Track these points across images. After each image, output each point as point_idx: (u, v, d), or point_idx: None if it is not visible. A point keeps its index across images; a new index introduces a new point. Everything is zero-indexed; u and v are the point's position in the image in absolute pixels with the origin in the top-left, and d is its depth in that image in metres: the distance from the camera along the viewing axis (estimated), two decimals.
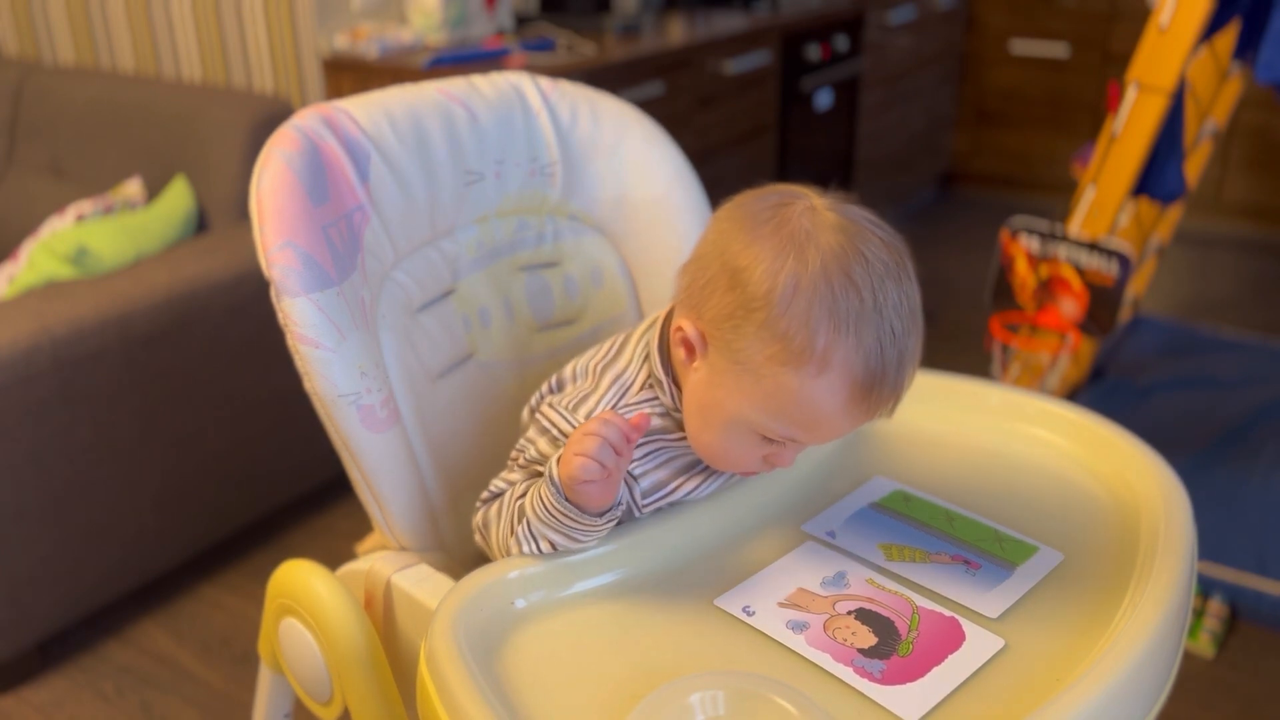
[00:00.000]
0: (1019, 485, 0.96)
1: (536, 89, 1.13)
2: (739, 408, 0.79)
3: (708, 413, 0.81)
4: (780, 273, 0.75)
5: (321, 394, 0.90)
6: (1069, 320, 1.96)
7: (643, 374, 0.88)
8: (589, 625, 0.78)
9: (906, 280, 0.78)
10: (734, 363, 0.77)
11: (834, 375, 0.75)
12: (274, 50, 2.26)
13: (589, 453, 0.76)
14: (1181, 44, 1.81)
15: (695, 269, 0.81)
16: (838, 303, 0.74)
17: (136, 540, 1.77)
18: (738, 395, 0.78)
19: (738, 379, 0.78)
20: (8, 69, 2.45)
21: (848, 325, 0.74)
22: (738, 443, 0.81)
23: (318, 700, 0.97)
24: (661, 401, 0.87)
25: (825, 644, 0.75)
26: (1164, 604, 0.75)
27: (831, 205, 0.79)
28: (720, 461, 0.85)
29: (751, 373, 0.77)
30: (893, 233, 0.80)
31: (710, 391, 0.80)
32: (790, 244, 0.76)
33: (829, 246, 0.75)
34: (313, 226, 0.91)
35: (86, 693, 1.66)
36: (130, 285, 1.72)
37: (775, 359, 0.75)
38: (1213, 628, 1.74)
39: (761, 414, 0.78)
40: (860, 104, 3.28)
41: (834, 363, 0.74)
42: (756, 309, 0.75)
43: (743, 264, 0.77)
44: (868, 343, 0.74)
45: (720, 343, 0.78)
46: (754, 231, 0.77)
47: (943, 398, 1.07)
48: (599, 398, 0.87)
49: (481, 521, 0.89)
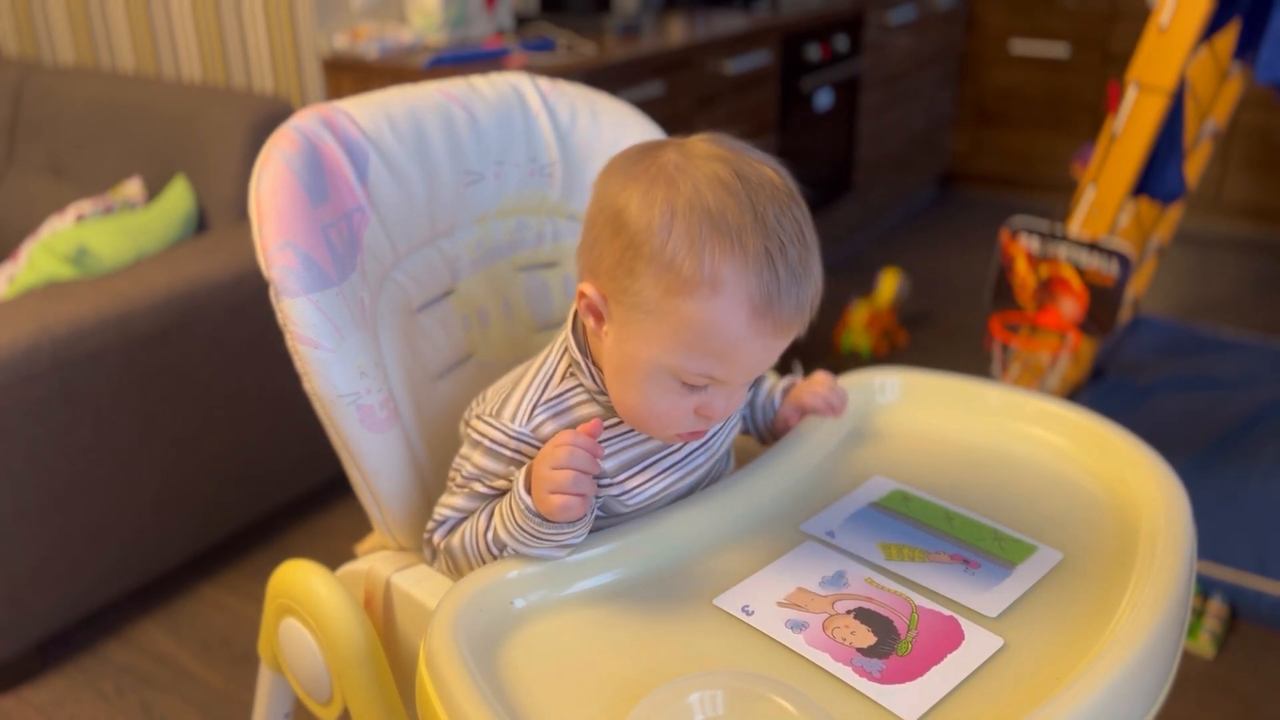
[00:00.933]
0: (1018, 485, 0.96)
1: (536, 90, 1.13)
2: (651, 355, 0.78)
3: (625, 372, 0.80)
4: (656, 202, 0.75)
5: (321, 394, 0.90)
6: (1069, 320, 1.96)
7: (563, 364, 0.88)
8: (588, 625, 0.78)
9: (790, 200, 0.78)
10: (635, 309, 0.77)
11: (729, 293, 0.74)
12: (274, 50, 2.26)
13: (565, 463, 0.77)
14: (1181, 44, 1.81)
15: (585, 233, 0.82)
16: (716, 220, 0.74)
17: (136, 540, 1.77)
18: (646, 344, 0.78)
19: (642, 325, 0.77)
20: (8, 69, 2.45)
21: (732, 240, 0.74)
22: (661, 396, 0.80)
23: (317, 700, 0.97)
24: (584, 386, 0.87)
25: (824, 643, 0.75)
26: (1163, 603, 0.75)
27: (704, 138, 0.80)
28: (650, 423, 0.83)
29: (653, 314, 0.76)
30: (771, 158, 0.80)
31: (622, 348, 0.80)
32: (661, 176, 0.76)
33: (703, 171, 0.76)
34: (312, 227, 0.91)
35: (86, 693, 1.66)
36: (130, 285, 1.72)
37: (670, 290, 0.75)
38: (1213, 628, 1.74)
39: (673, 355, 0.77)
40: (860, 104, 3.28)
41: (726, 280, 0.74)
42: (641, 244, 0.76)
43: (620, 206, 0.77)
44: (756, 254, 0.74)
45: (619, 293, 0.78)
46: (627, 175, 0.78)
47: (943, 398, 1.07)
48: (521, 395, 0.87)
49: (445, 549, 0.88)
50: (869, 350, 2.80)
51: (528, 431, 0.85)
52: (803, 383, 1.03)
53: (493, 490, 0.86)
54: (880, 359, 2.78)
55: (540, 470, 0.79)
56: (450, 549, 0.87)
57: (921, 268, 3.33)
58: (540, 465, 0.79)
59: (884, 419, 1.06)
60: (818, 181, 3.14)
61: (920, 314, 3.05)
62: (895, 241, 3.70)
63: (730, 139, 0.80)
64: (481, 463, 0.86)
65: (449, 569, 0.89)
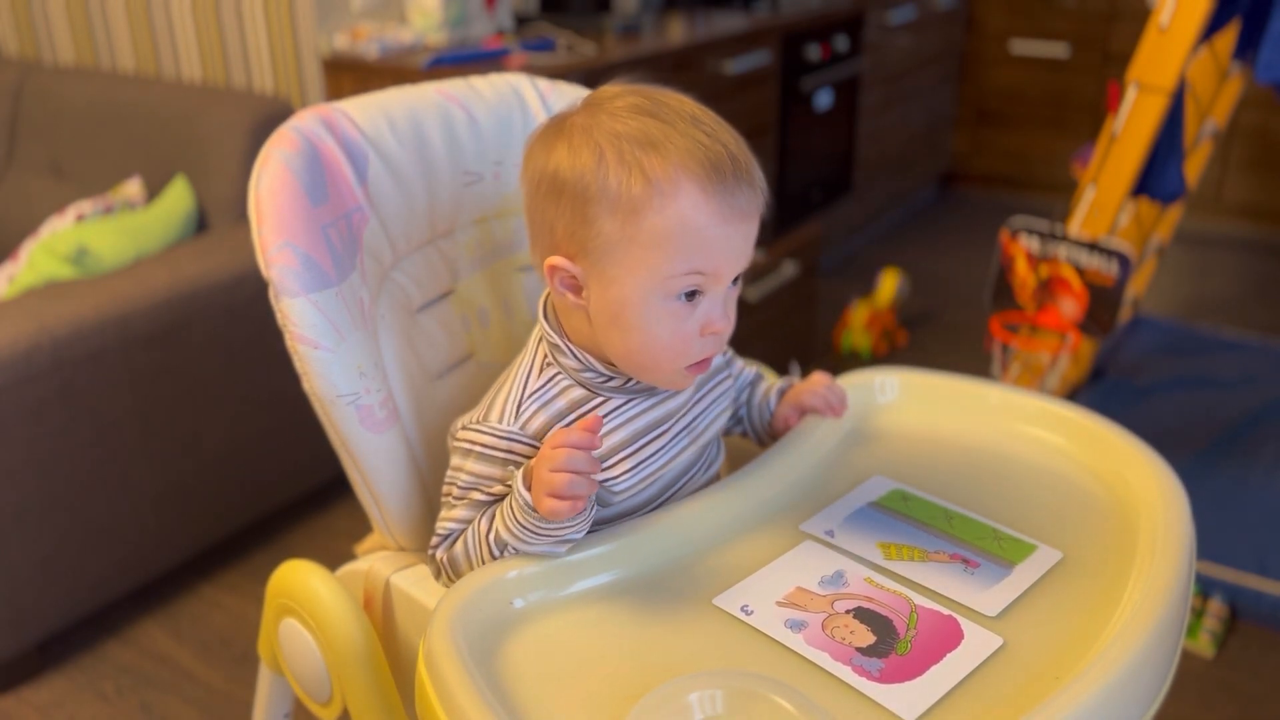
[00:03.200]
0: (1018, 485, 0.96)
1: (535, 90, 1.13)
2: (637, 284, 0.80)
3: (620, 316, 0.81)
4: (581, 149, 0.79)
5: (320, 394, 0.90)
6: (1069, 320, 1.96)
7: (539, 358, 0.89)
8: (588, 625, 0.78)
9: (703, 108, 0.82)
10: (606, 255, 0.80)
11: (681, 189, 0.77)
12: (274, 50, 2.26)
13: (561, 465, 0.77)
14: (1181, 44, 1.81)
15: (530, 223, 0.85)
16: (641, 138, 0.78)
17: (136, 540, 1.77)
18: (628, 275, 0.80)
19: (618, 261, 0.79)
20: (8, 69, 2.45)
21: (661, 145, 0.78)
22: (661, 324, 0.81)
23: (317, 700, 0.97)
24: (565, 370, 0.87)
25: (824, 643, 0.75)
26: (1162, 603, 0.75)
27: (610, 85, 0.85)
28: (661, 363, 0.83)
29: (624, 247, 0.79)
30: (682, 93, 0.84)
31: (607, 295, 0.81)
32: (576, 129, 0.81)
33: (615, 109, 0.80)
34: (311, 227, 0.91)
35: (86, 693, 1.67)
36: (130, 285, 1.72)
37: (629, 216, 0.78)
38: (1213, 628, 1.74)
39: (656, 273, 0.79)
40: (860, 104, 3.28)
41: (673, 178, 0.77)
42: (586, 189, 0.79)
43: (550, 170, 0.81)
44: (688, 149, 0.78)
45: (584, 250, 0.80)
46: (546, 145, 0.82)
47: (943, 398, 1.07)
48: (505, 397, 0.87)
49: (447, 561, 0.87)
50: (869, 350, 2.80)
51: (516, 429, 0.85)
52: (801, 383, 1.03)
53: (491, 497, 0.86)
54: (880, 359, 2.78)
55: (539, 472, 0.79)
56: (454, 558, 0.86)
57: (921, 268, 3.33)
58: (538, 467, 0.79)
59: (884, 419, 1.06)
60: (818, 181, 3.14)
61: (920, 314, 3.05)
62: (895, 241, 3.70)
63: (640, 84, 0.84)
64: (475, 469, 0.86)
65: (451, 581, 0.88)
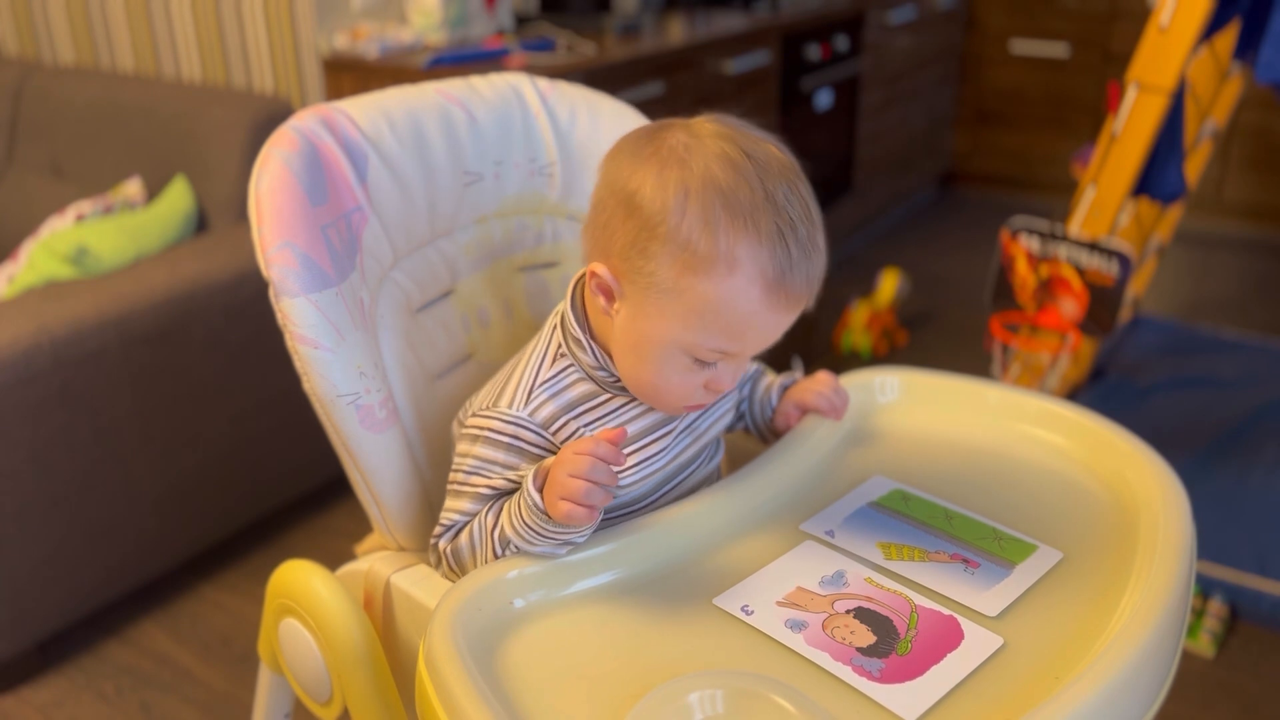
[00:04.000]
0: (1018, 485, 0.96)
1: (535, 90, 1.13)
2: (667, 332, 0.80)
3: (640, 348, 0.82)
4: (669, 184, 0.77)
5: (320, 394, 0.90)
6: (1069, 320, 1.96)
7: (554, 345, 0.89)
8: (588, 625, 0.78)
9: (796, 178, 0.80)
10: (650, 289, 0.79)
11: (744, 271, 0.76)
12: (274, 50, 2.26)
13: (583, 473, 0.77)
14: (1181, 44, 1.81)
15: (593, 215, 0.83)
16: (729, 199, 0.76)
17: (136, 540, 1.77)
18: (662, 321, 0.79)
19: (659, 304, 0.79)
20: (8, 69, 2.45)
21: (745, 219, 0.76)
22: (674, 372, 0.82)
23: (317, 700, 0.97)
24: (580, 364, 0.87)
25: (824, 643, 0.75)
26: (1162, 603, 0.75)
27: (709, 119, 0.82)
28: (661, 397, 0.85)
29: (669, 293, 0.78)
30: (773, 136, 0.82)
31: (636, 325, 0.81)
32: (672, 158, 0.78)
33: (711, 151, 0.78)
34: (311, 227, 0.91)
35: (86, 693, 1.67)
36: (130, 285, 1.72)
37: (686, 270, 0.77)
38: (1213, 628, 1.74)
39: (689, 333, 0.79)
40: (860, 104, 3.28)
41: (740, 258, 0.76)
42: (656, 225, 0.77)
43: (632, 188, 0.79)
44: (768, 232, 0.76)
45: (633, 273, 0.80)
46: (637, 158, 0.80)
47: (943, 398, 1.07)
48: (516, 383, 0.87)
49: (450, 553, 0.88)
50: (869, 350, 2.80)
51: (525, 415, 0.86)
52: (805, 381, 1.03)
53: (493, 490, 0.86)
54: (880, 359, 2.78)
55: (557, 475, 0.79)
56: (457, 550, 0.87)
57: (921, 268, 3.33)
58: (558, 469, 0.79)
59: (884, 419, 1.06)
60: (818, 181, 3.14)
61: (920, 314, 3.05)
62: (895, 241, 3.70)
63: (733, 118, 0.82)
64: (481, 453, 0.87)
65: (453, 572, 0.89)
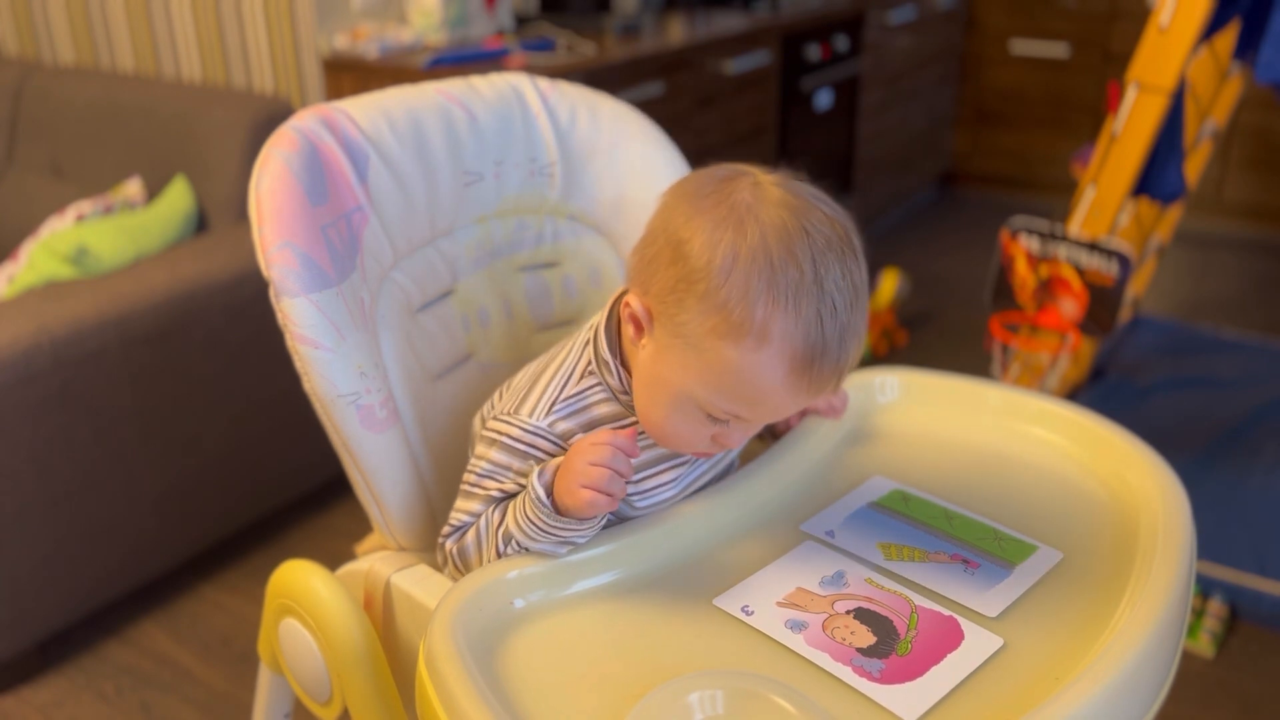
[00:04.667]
0: (1018, 485, 0.96)
1: (535, 90, 1.13)
2: (683, 383, 0.79)
3: (654, 389, 0.82)
4: (720, 244, 0.76)
5: (321, 394, 0.90)
6: (1069, 320, 1.96)
7: (583, 361, 0.88)
8: (588, 625, 0.78)
9: (851, 257, 0.78)
10: (677, 337, 0.78)
11: (773, 349, 0.75)
12: (274, 50, 2.26)
13: (605, 461, 0.77)
14: (1181, 44, 1.81)
15: (643, 245, 0.82)
16: (777, 275, 0.74)
17: (136, 540, 1.77)
18: (681, 371, 0.79)
19: (682, 354, 0.78)
20: (8, 69, 2.45)
21: (787, 298, 0.74)
22: (684, 420, 0.81)
23: (317, 700, 0.97)
24: (607, 385, 0.87)
25: (824, 643, 0.75)
26: (1163, 603, 0.75)
27: (777, 181, 0.80)
28: (669, 439, 0.85)
29: (694, 347, 0.77)
30: (839, 209, 0.80)
31: (656, 367, 0.81)
32: (731, 216, 0.77)
33: (770, 220, 0.76)
34: (312, 227, 0.91)
35: (86, 693, 1.66)
36: (130, 285, 1.72)
37: (715, 332, 0.76)
38: (1213, 628, 1.74)
39: (705, 390, 0.78)
40: (860, 104, 3.28)
41: (773, 336, 0.74)
42: (697, 280, 0.76)
43: (684, 236, 0.78)
44: (807, 316, 0.74)
45: (665, 317, 0.79)
46: (697, 205, 0.78)
47: (943, 398, 1.07)
48: (540, 392, 0.87)
49: (458, 553, 0.88)
50: (869, 350, 2.79)
51: (544, 426, 0.86)
52: None
53: (504, 494, 0.87)
54: (880, 359, 2.78)
55: (576, 463, 0.79)
56: (463, 549, 0.87)
57: (921, 268, 3.33)
58: (576, 458, 0.79)
59: (884, 419, 1.06)
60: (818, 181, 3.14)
61: (920, 314, 3.05)
62: (895, 241, 3.70)
63: (800, 183, 0.80)
64: (496, 458, 0.87)
65: (458, 571, 0.89)
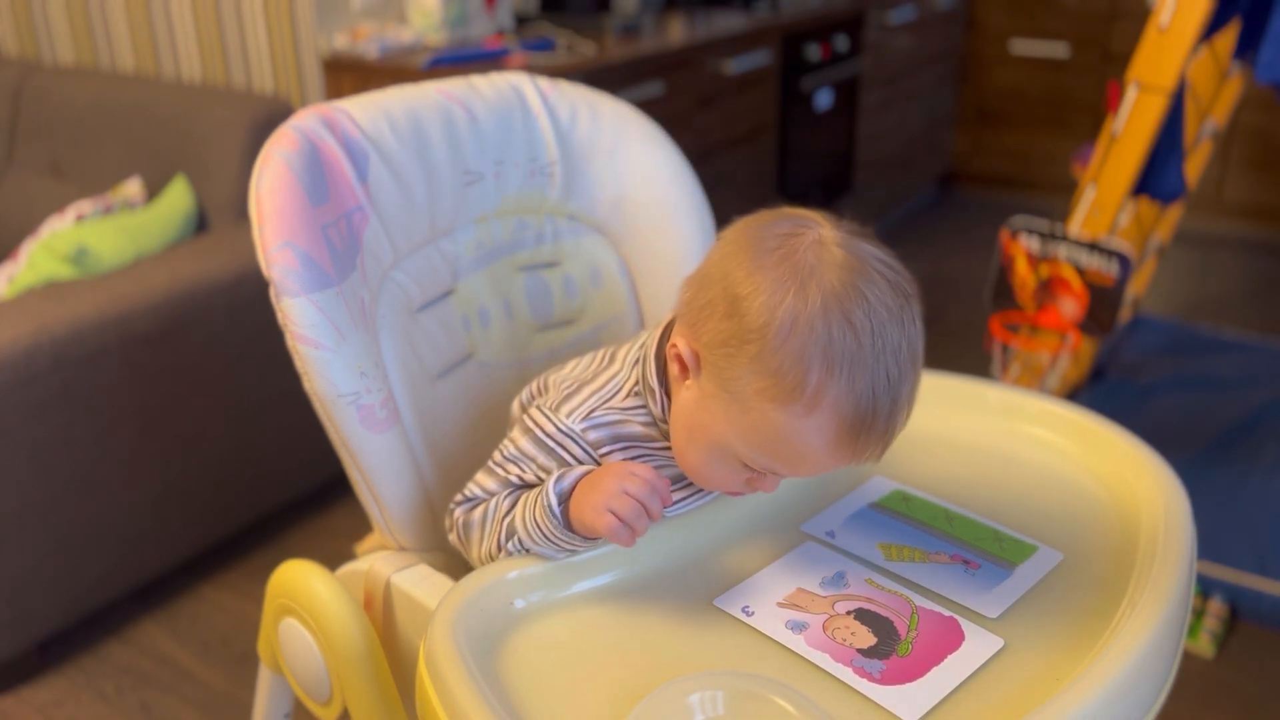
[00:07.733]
0: (1019, 485, 0.96)
1: (536, 89, 1.13)
2: (724, 434, 0.78)
3: (694, 433, 0.80)
4: (779, 307, 0.73)
5: (321, 394, 0.90)
6: (1069, 320, 1.96)
7: (631, 380, 0.87)
8: (588, 625, 0.78)
9: (910, 324, 0.75)
10: (724, 390, 0.76)
11: (822, 417, 0.73)
12: (274, 50, 2.26)
13: (640, 495, 0.77)
14: (1181, 44, 1.81)
15: (698, 286, 0.80)
16: (833, 344, 0.72)
17: (136, 540, 1.77)
18: (724, 422, 0.77)
19: (726, 406, 0.77)
20: (8, 69, 2.45)
21: (841, 368, 0.72)
22: (720, 466, 0.80)
23: (317, 700, 0.97)
24: (649, 410, 0.86)
25: (824, 644, 0.75)
26: (1163, 604, 0.75)
27: (841, 240, 0.76)
28: (703, 481, 0.84)
29: (740, 403, 0.76)
30: (902, 271, 0.77)
31: (698, 413, 0.79)
32: (793, 278, 0.74)
33: (831, 285, 0.73)
34: (312, 227, 0.91)
35: (86, 693, 1.66)
36: (130, 285, 1.72)
37: (765, 394, 0.74)
38: (1213, 628, 1.74)
39: (746, 445, 0.77)
40: (860, 104, 3.28)
41: (824, 404, 0.73)
42: (751, 340, 0.74)
43: (743, 292, 0.75)
44: (860, 387, 0.73)
45: (713, 367, 0.77)
46: (758, 259, 0.75)
47: (943, 398, 1.07)
48: (585, 397, 0.87)
49: (462, 524, 0.89)
50: None
51: (577, 430, 0.85)
52: None
53: (522, 482, 0.87)
54: None
55: (609, 484, 0.78)
56: (469, 522, 0.88)
57: (921, 268, 3.33)
58: (611, 480, 0.78)
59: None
60: (818, 181, 3.14)
61: None
62: (895, 241, 3.68)
63: (864, 243, 0.77)
64: (525, 448, 0.87)
65: (460, 541, 0.90)
